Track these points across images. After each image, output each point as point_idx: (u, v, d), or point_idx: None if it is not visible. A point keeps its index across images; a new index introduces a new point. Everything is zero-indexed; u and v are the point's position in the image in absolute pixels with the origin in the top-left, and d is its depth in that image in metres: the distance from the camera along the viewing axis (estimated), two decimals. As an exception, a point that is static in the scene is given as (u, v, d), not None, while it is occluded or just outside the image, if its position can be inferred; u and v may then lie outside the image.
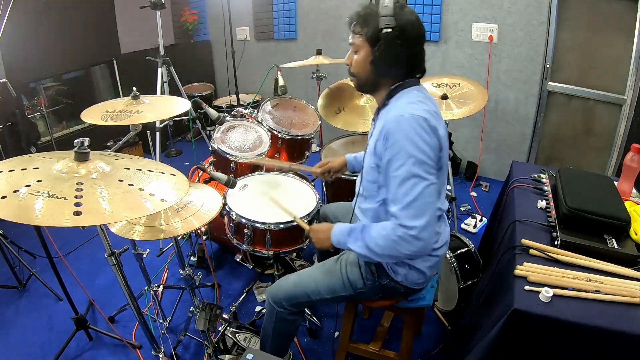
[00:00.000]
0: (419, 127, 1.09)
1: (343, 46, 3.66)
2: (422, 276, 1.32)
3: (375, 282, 1.34)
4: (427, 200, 1.09)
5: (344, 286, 1.37)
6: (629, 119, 2.53)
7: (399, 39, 1.12)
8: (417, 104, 1.15)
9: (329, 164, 1.68)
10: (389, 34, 1.11)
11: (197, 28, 4.45)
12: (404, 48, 1.14)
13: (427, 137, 1.10)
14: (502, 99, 3.12)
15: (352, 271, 1.37)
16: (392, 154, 1.11)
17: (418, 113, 1.11)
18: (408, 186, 1.08)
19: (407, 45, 1.14)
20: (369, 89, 1.29)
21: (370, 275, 1.34)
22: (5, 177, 0.95)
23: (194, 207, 1.51)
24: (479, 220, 2.75)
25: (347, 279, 1.37)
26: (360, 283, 1.36)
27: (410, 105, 1.14)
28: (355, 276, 1.37)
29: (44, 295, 2.16)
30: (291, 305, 1.40)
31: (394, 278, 1.31)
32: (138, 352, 1.82)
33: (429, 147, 1.10)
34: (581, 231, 1.27)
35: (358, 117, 2.27)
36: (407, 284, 1.32)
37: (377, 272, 1.33)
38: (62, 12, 3.13)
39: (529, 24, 2.83)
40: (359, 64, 1.22)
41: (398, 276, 1.31)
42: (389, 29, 1.11)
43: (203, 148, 3.63)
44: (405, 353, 1.53)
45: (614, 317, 1.01)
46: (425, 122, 1.10)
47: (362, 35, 1.18)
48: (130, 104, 1.66)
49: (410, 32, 1.14)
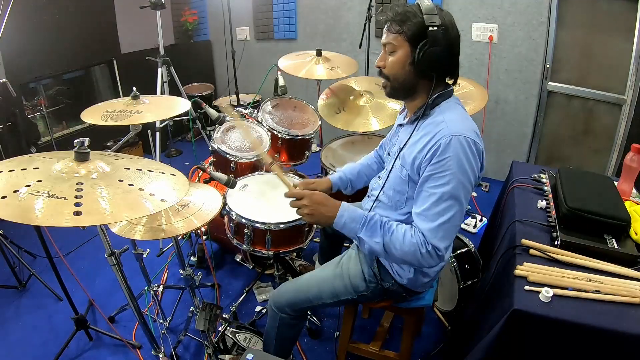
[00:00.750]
0: (469, 151, 1.06)
1: (343, 46, 3.66)
2: (428, 279, 1.32)
3: (378, 286, 1.33)
4: (456, 224, 1.09)
5: (347, 290, 1.36)
6: (629, 119, 2.53)
7: (444, 39, 1.07)
8: (465, 120, 1.11)
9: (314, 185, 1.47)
10: (435, 32, 1.05)
11: (197, 28, 4.44)
12: (447, 49, 1.08)
13: (474, 162, 1.07)
14: (502, 99, 3.12)
15: (355, 275, 1.36)
16: (435, 170, 1.06)
17: (469, 135, 1.07)
18: (444, 207, 1.06)
19: (450, 46, 1.09)
20: (404, 94, 1.20)
21: (373, 278, 1.33)
22: (5, 177, 0.95)
23: (195, 206, 1.51)
24: (479, 220, 2.75)
25: (349, 283, 1.36)
26: (363, 286, 1.35)
27: (462, 124, 1.09)
28: (358, 280, 1.35)
29: (44, 295, 2.16)
30: (293, 310, 1.39)
31: (399, 281, 1.31)
32: (138, 352, 1.82)
33: (474, 173, 1.08)
34: (581, 231, 1.27)
35: (358, 117, 2.27)
36: (411, 287, 1.32)
37: (381, 275, 1.32)
38: (62, 12, 3.12)
39: (529, 24, 2.83)
40: (397, 65, 1.13)
41: (403, 280, 1.30)
42: (434, 26, 1.05)
43: (203, 148, 3.63)
44: (405, 353, 1.53)
45: (614, 317, 1.01)
46: (474, 146, 1.07)
47: (402, 34, 1.10)
48: (130, 104, 1.66)
49: (452, 32, 1.10)
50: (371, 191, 1.42)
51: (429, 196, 1.08)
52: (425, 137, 1.11)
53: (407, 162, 1.15)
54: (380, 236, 1.13)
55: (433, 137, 1.08)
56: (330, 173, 2.01)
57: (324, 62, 2.48)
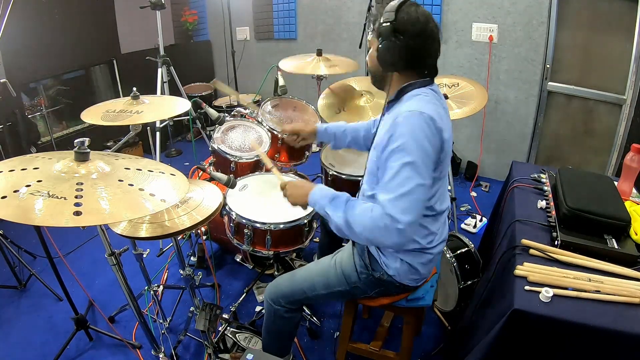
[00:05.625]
0: (425, 125, 1.11)
1: (343, 46, 3.66)
2: (415, 273, 1.31)
3: (369, 276, 1.35)
4: (417, 198, 1.10)
5: (339, 280, 1.39)
6: (629, 119, 2.53)
7: (396, 33, 1.15)
8: (427, 103, 1.17)
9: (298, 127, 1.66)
10: (385, 27, 1.16)
11: (197, 28, 4.45)
12: (402, 42, 1.16)
13: (431, 136, 1.11)
14: (502, 99, 3.13)
15: (346, 264, 1.39)
16: (394, 146, 1.12)
17: (426, 111, 1.12)
18: (403, 178, 1.09)
19: (406, 39, 1.16)
20: (378, 84, 1.33)
21: (364, 268, 1.35)
22: (5, 177, 0.95)
23: (195, 202, 1.50)
24: (479, 220, 2.75)
25: (341, 272, 1.39)
26: (355, 276, 1.37)
27: (420, 103, 1.16)
28: (349, 269, 1.38)
29: (44, 295, 2.16)
30: (288, 302, 1.42)
31: (387, 272, 1.31)
32: (138, 352, 1.82)
33: (431, 146, 1.11)
34: (581, 231, 1.27)
35: (358, 117, 2.26)
36: (400, 280, 1.32)
37: (371, 264, 1.34)
38: (62, 12, 3.13)
39: (529, 24, 2.83)
40: (370, 59, 1.29)
41: (390, 270, 1.30)
42: (387, 23, 1.16)
43: (203, 148, 3.63)
44: (405, 353, 1.53)
45: (614, 317, 1.01)
46: (431, 121, 1.11)
47: (373, 31, 1.25)
48: (130, 104, 1.66)
49: (410, 27, 1.15)
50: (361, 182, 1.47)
51: (389, 169, 1.12)
52: (389, 119, 1.20)
53: (376, 144, 1.24)
54: (343, 211, 1.18)
55: (395, 118, 1.15)
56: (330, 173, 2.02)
57: (324, 62, 2.48)
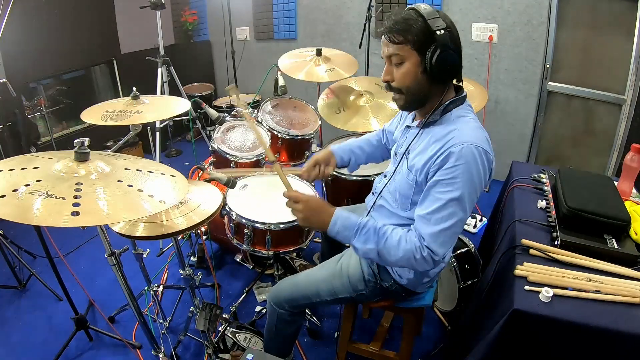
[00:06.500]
0: (480, 161, 1.05)
1: (343, 46, 3.66)
2: (428, 279, 1.32)
3: (377, 285, 1.33)
4: (456, 232, 1.09)
5: (344, 287, 1.36)
6: (629, 119, 2.53)
7: (452, 41, 1.04)
8: (476, 130, 1.09)
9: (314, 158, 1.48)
10: (443, 35, 1.02)
11: (197, 28, 4.44)
12: (455, 51, 1.05)
13: (482, 173, 1.06)
14: (502, 99, 3.12)
15: (353, 271, 1.36)
16: (445, 177, 1.05)
17: (481, 145, 1.05)
18: (448, 213, 1.05)
19: (457, 47, 1.07)
20: (419, 103, 1.16)
21: (372, 278, 1.33)
22: (5, 177, 0.95)
23: (194, 203, 1.50)
24: (479, 220, 2.75)
25: (347, 281, 1.36)
26: (362, 285, 1.35)
27: (472, 133, 1.07)
28: (356, 278, 1.35)
29: (44, 295, 2.16)
30: (292, 307, 1.40)
31: (399, 281, 1.31)
32: (138, 352, 1.82)
33: (481, 183, 1.07)
34: (581, 231, 1.27)
35: (358, 117, 2.26)
36: (410, 288, 1.32)
37: (380, 275, 1.32)
38: (62, 12, 3.12)
39: (529, 24, 2.83)
40: (408, 77, 1.09)
41: (403, 280, 1.30)
42: (441, 30, 1.02)
43: (203, 148, 3.63)
44: (405, 353, 1.53)
45: (614, 317, 1.01)
46: (485, 156, 1.06)
47: (407, 43, 1.05)
48: (130, 104, 1.65)
49: (455, 32, 1.08)
50: (374, 189, 1.42)
51: (435, 200, 1.07)
52: (437, 143, 1.09)
53: (416, 168, 1.14)
54: (374, 243, 1.11)
55: (445, 144, 1.07)
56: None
57: (324, 62, 2.48)
